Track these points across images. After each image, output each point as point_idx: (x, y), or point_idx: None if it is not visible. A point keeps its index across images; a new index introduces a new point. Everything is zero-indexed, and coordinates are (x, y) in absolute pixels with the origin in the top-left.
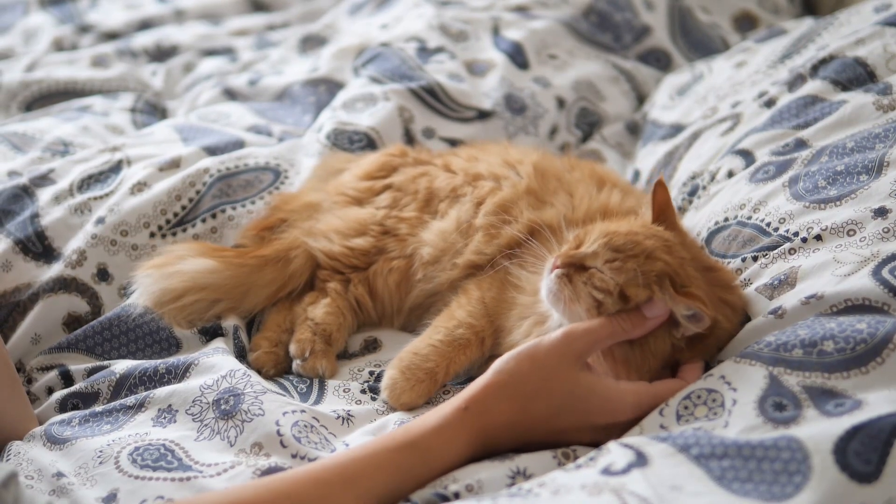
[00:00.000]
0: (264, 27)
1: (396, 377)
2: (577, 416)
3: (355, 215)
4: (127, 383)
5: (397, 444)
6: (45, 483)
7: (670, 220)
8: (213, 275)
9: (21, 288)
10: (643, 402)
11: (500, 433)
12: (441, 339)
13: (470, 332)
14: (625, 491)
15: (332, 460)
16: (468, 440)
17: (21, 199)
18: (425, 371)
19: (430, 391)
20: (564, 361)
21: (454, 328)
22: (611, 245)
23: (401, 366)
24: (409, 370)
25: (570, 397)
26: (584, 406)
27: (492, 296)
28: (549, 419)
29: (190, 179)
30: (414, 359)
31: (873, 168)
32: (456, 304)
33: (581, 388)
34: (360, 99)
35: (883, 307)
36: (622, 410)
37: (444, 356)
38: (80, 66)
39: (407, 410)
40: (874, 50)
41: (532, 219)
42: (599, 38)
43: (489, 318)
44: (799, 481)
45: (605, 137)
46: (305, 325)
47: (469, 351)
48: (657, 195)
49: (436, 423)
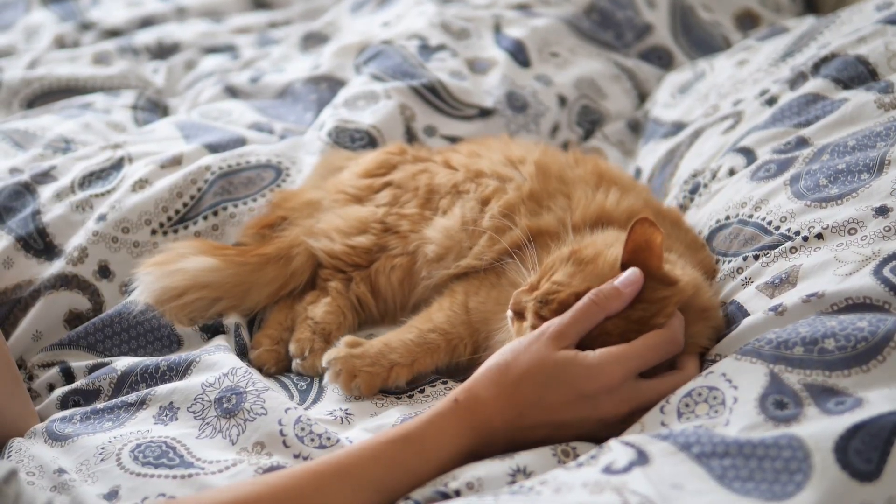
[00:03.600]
0: (266, 25)
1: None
2: (564, 390)
3: (356, 214)
4: (128, 380)
5: (391, 437)
6: (47, 480)
7: (649, 264)
8: (214, 273)
9: (22, 285)
10: (626, 362)
11: (494, 422)
12: (412, 338)
13: (442, 338)
14: (626, 490)
15: (328, 456)
16: (461, 431)
17: (22, 195)
18: (388, 361)
19: (384, 381)
20: (544, 346)
21: (427, 331)
22: (559, 300)
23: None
24: (371, 357)
25: (553, 373)
26: (568, 377)
27: (479, 300)
28: (539, 400)
29: (191, 177)
30: (383, 349)
31: (874, 167)
32: (437, 307)
33: (561, 362)
34: (361, 97)
35: (884, 306)
36: (607, 372)
37: (410, 353)
38: (81, 63)
39: (357, 397)
40: (876, 48)
41: (530, 225)
42: (601, 36)
43: (470, 324)
44: (800, 480)
45: (607, 135)
46: (305, 325)
47: (436, 355)
48: (634, 234)
49: (428, 416)
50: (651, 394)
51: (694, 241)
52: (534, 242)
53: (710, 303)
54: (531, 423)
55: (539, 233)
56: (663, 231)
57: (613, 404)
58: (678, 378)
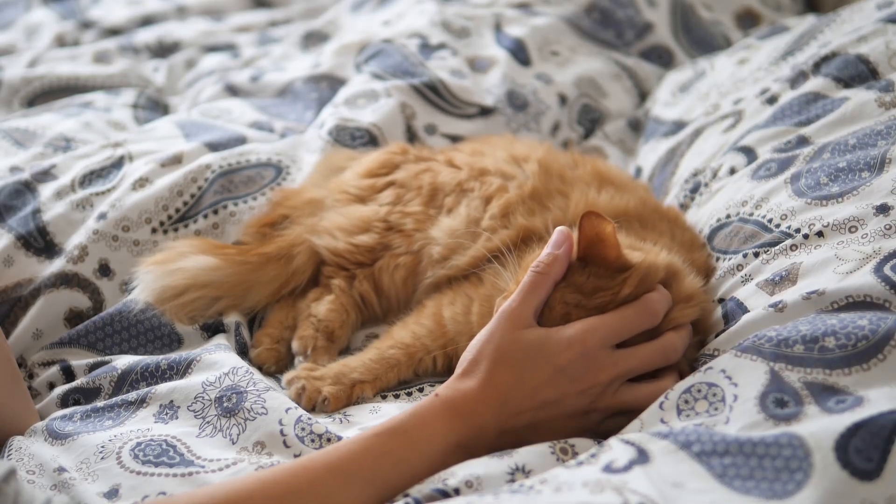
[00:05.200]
0: (266, 23)
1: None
2: (541, 367)
3: (359, 213)
4: (129, 379)
5: (378, 430)
6: (47, 478)
7: (605, 255)
8: (214, 272)
9: (22, 283)
10: (596, 330)
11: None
12: (371, 357)
13: (401, 352)
14: (626, 489)
15: (320, 451)
16: (446, 422)
17: (23, 194)
18: (349, 379)
19: (348, 398)
20: (506, 331)
21: (387, 348)
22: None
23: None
24: (331, 377)
25: (527, 353)
26: (542, 354)
27: (455, 311)
28: (518, 382)
29: (192, 175)
30: (343, 368)
31: (875, 165)
32: (400, 324)
33: (535, 342)
34: (362, 95)
35: (885, 304)
36: (578, 340)
37: (370, 371)
38: (82, 62)
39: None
40: (876, 47)
41: (527, 226)
42: (601, 35)
43: (441, 335)
44: (800, 479)
45: (608, 134)
46: (308, 322)
47: (398, 370)
48: (583, 229)
49: (412, 408)
50: (630, 360)
51: (690, 240)
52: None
53: (690, 287)
54: (516, 408)
55: (532, 233)
56: (614, 222)
57: (591, 373)
58: (654, 346)
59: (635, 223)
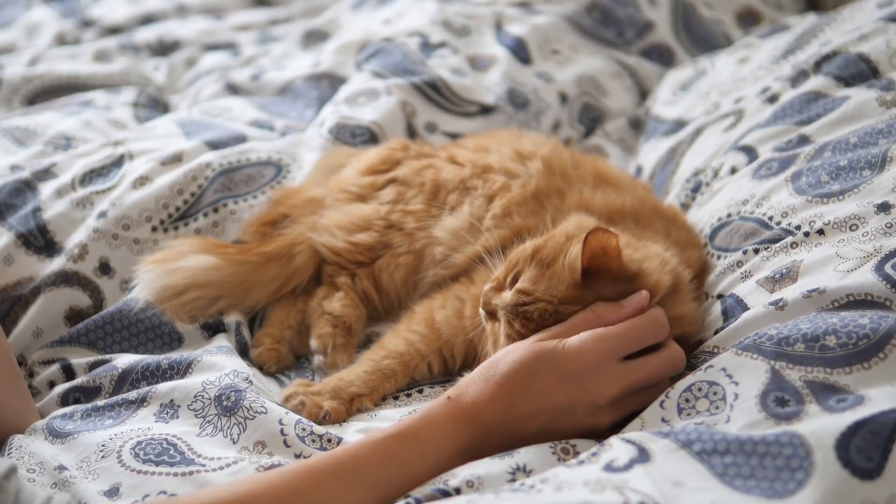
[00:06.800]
0: (267, 22)
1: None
2: (549, 374)
3: (359, 211)
4: (129, 378)
5: (386, 433)
6: (47, 476)
7: (609, 267)
8: (214, 272)
9: (23, 282)
10: (605, 340)
11: (485, 415)
12: (366, 370)
13: (396, 361)
14: (627, 488)
15: (326, 453)
16: (454, 426)
17: (23, 192)
18: (348, 394)
19: (348, 412)
20: (531, 343)
21: (381, 359)
22: (529, 317)
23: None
24: (329, 392)
25: (537, 362)
26: (552, 362)
27: (447, 314)
28: (528, 389)
29: (192, 174)
30: (339, 383)
31: (876, 163)
32: (391, 333)
33: (545, 351)
34: (362, 93)
35: (885, 303)
36: (588, 349)
37: (367, 384)
38: (82, 60)
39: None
40: (877, 46)
41: (525, 226)
42: (602, 34)
43: (436, 339)
44: (801, 478)
45: (608, 133)
46: (324, 320)
47: (394, 379)
48: (588, 244)
49: (422, 412)
50: (639, 372)
51: (687, 239)
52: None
53: (682, 309)
54: (523, 412)
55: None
56: (620, 232)
57: (602, 384)
58: (662, 355)
59: (631, 221)
